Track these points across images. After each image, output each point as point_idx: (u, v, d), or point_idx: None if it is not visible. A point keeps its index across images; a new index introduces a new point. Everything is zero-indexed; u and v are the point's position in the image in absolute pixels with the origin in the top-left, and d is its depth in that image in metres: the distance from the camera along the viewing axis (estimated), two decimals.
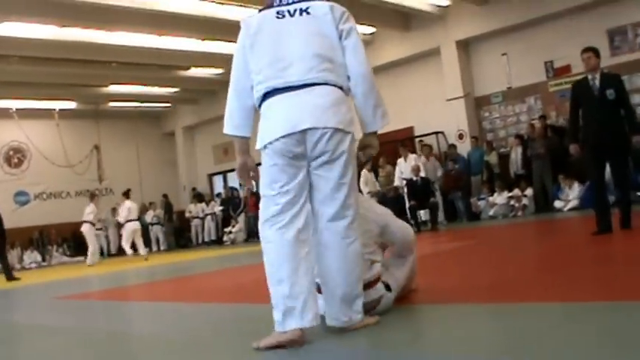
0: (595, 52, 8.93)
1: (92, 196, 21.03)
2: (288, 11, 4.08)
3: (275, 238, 3.87)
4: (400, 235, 4.77)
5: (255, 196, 24.40)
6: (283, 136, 3.84)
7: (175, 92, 27.16)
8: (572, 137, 9.19)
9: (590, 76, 8.84)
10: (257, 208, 4.22)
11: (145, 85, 25.27)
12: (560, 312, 4.03)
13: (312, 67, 3.93)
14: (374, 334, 3.98)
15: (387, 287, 4.56)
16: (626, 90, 9.10)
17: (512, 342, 3.41)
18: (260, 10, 4.26)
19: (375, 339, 3.91)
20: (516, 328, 3.74)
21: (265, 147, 3.92)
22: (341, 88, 4.01)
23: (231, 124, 4.17)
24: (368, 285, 4.34)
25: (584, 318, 3.74)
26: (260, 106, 4.05)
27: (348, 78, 4.08)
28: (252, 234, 24.45)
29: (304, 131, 3.84)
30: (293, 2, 4.12)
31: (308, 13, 4.05)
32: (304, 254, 3.86)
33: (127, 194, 20.16)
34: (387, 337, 3.87)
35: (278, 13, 4.09)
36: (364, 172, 18.05)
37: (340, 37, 4.04)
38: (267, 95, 3.97)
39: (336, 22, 4.03)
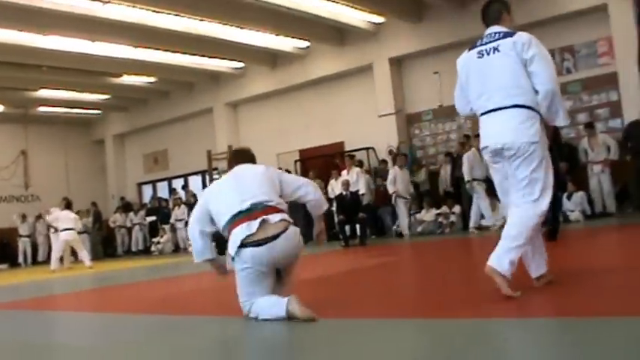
0: None
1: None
2: (486, 51, 5.18)
3: None
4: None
5: (187, 206, 24.22)
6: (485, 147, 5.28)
7: (106, 99, 26.76)
8: None
9: None
10: None
11: (75, 90, 24.88)
12: (476, 328, 4.12)
13: (504, 95, 5.07)
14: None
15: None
16: None
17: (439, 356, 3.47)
18: (469, 49, 5.40)
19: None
20: (434, 343, 3.81)
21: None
22: (529, 107, 5.04)
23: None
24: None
25: (498, 334, 3.82)
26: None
27: (537, 92, 5.04)
28: (179, 245, 24.27)
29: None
30: (487, 42, 5.21)
31: (498, 50, 5.11)
32: None
33: (67, 204, 19.44)
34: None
35: (479, 53, 5.23)
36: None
37: (526, 65, 5.01)
38: (481, 116, 5.27)
39: (519, 55, 5.01)
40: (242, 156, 5.77)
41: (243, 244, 4.94)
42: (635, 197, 15.29)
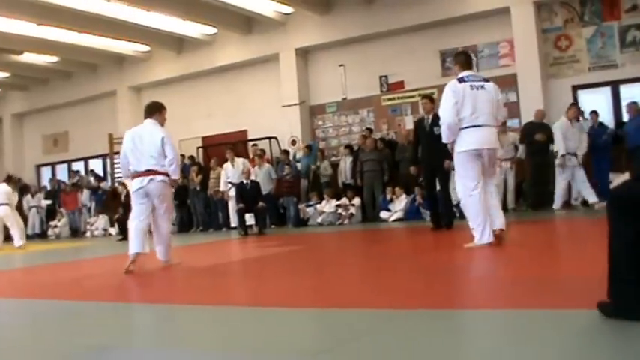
0: (430, 98, 12.02)
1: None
2: (475, 86, 7.92)
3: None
4: None
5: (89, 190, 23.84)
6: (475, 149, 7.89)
7: (5, 77, 26.00)
8: (413, 161, 12.63)
9: (426, 117, 11.74)
10: (74, 204, 4.31)
11: None
12: (371, 318, 4.18)
13: (488, 118, 7.93)
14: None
15: None
16: None
17: (326, 344, 3.54)
18: (459, 82, 7.96)
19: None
20: (332, 331, 3.88)
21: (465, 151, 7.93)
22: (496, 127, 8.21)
23: (445, 136, 8.10)
24: None
25: (392, 324, 3.91)
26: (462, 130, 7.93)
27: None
28: (78, 229, 23.96)
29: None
30: (475, 81, 8.00)
31: (484, 88, 7.97)
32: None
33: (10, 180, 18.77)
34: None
35: (471, 86, 7.89)
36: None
37: (497, 101, 8.12)
38: (466, 127, 7.86)
39: (496, 95, 8.13)
40: (148, 110, 8.69)
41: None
42: (529, 195, 15.73)
